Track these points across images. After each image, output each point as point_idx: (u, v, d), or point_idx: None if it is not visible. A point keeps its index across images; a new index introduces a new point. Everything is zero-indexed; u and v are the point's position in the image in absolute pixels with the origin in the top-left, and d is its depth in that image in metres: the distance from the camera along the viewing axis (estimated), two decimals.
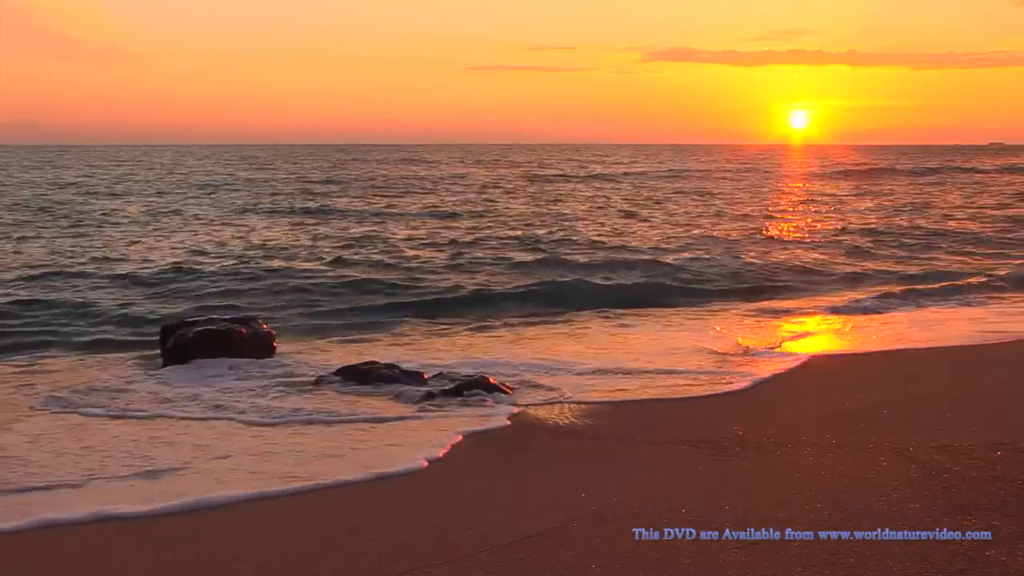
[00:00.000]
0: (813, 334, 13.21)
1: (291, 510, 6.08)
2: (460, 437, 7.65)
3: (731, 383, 9.60)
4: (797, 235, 26.65)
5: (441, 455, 7.23)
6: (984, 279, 18.33)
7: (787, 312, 14.92)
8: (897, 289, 17.01)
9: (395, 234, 25.94)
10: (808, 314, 14.74)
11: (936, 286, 17.25)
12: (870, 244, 24.24)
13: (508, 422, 8.14)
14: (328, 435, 7.92)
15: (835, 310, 14.99)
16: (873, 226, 28.56)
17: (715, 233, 26.51)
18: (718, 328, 13.21)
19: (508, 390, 9.18)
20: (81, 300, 15.56)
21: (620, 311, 14.86)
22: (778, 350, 11.67)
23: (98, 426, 8.22)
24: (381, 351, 11.57)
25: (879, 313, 14.87)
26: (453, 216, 31.59)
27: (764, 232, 27.11)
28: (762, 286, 17.69)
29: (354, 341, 12.80)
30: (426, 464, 6.99)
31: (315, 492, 6.41)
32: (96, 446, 7.59)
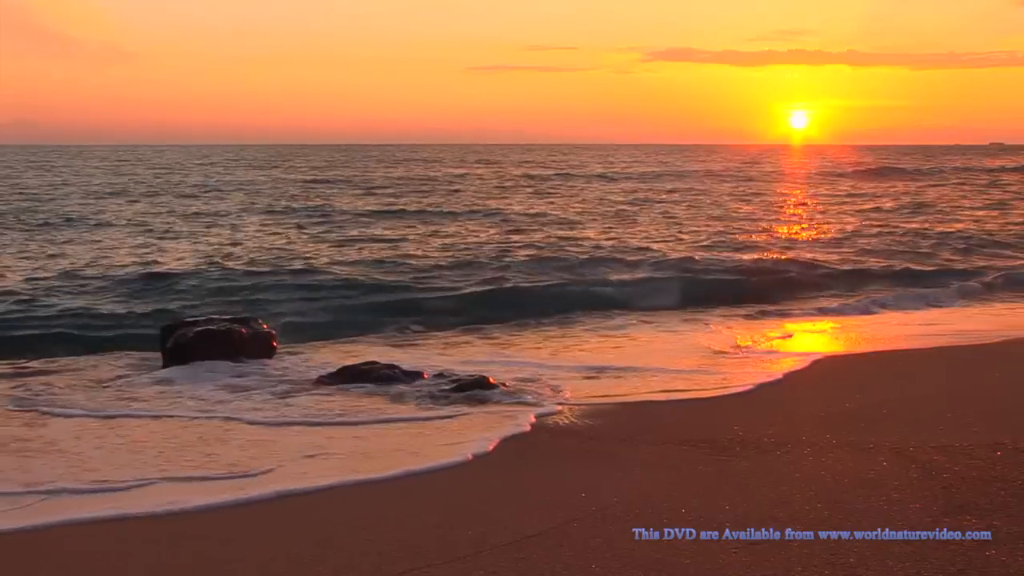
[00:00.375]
0: (813, 334, 13.23)
1: (292, 509, 6.08)
2: (497, 440, 7.55)
3: (731, 383, 9.59)
4: (797, 235, 26.65)
5: (482, 452, 7.25)
6: (985, 278, 18.36)
7: (787, 312, 14.93)
8: (898, 289, 17.02)
9: (395, 234, 25.93)
10: (808, 314, 14.76)
11: (937, 287, 17.24)
12: (870, 244, 24.21)
13: (534, 419, 8.11)
14: (339, 435, 7.89)
15: (835, 310, 15.02)
16: (873, 226, 28.55)
17: (715, 233, 26.51)
18: (718, 328, 13.21)
19: (508, 390, 9.17)
20: (80, 300, 15.56)
21: (620, 311, 14.87)
22: (778, 350, 11.68)
23: (134, 426, 8.14)
24: (380, 351, 11.58)
25: (879, 313, 14.89)
26: (453, 216, 31.56)
27: (764, 232, 27.10)
28: (762, 286, 17.66)
29: (354, 341, 12.79)
30: (471, 457, 7.02)
31: (317, 492, 6.40)
32: (146, 444, 7.53)
